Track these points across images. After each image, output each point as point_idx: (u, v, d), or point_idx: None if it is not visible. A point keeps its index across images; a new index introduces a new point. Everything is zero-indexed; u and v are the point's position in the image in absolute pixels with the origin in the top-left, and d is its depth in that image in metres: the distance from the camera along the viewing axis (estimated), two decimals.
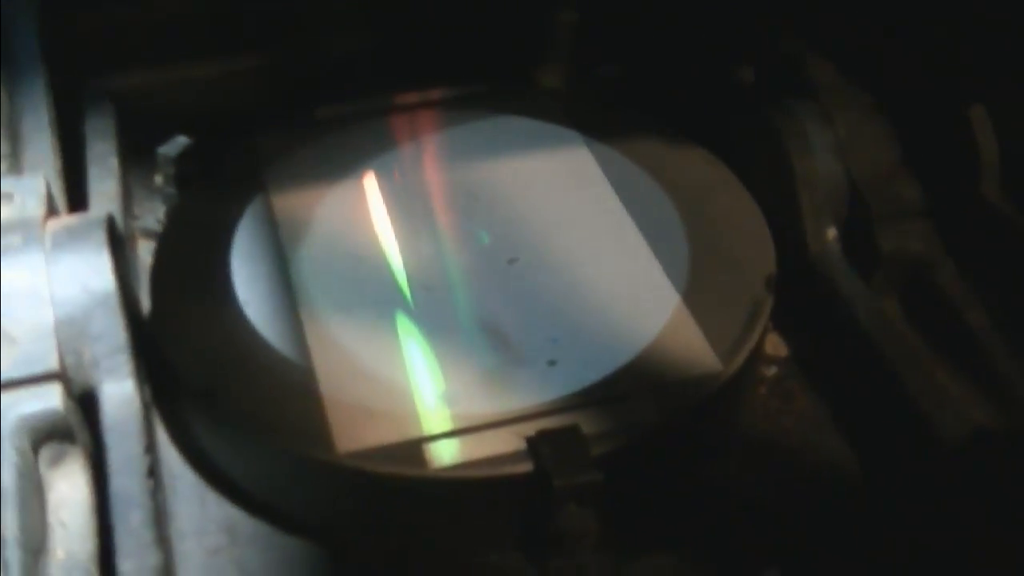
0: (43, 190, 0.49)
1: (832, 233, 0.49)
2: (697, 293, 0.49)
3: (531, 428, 0.43)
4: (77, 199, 0.55)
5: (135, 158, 0.61)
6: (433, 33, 0.63)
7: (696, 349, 0.46)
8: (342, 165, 0.57)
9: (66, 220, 0.48)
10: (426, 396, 0.45)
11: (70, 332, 0.45)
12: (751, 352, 0.46)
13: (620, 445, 0.43)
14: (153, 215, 0.59)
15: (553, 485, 0.41)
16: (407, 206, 0.54)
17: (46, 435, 0.44)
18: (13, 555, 0.40)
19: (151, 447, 0.44)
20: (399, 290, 0.50)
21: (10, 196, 0.48)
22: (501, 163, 0.56)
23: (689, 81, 0.58)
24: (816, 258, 0.50)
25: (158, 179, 0.58)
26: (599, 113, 0.59)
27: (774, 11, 0.55)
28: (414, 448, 0.43)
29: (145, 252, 0.57)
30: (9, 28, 0.57)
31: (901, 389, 0.46)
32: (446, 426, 0.44)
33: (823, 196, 0.50)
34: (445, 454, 0.43)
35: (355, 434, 0.44)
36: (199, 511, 0.47)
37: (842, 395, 0.49)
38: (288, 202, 0.55)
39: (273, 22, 0.63)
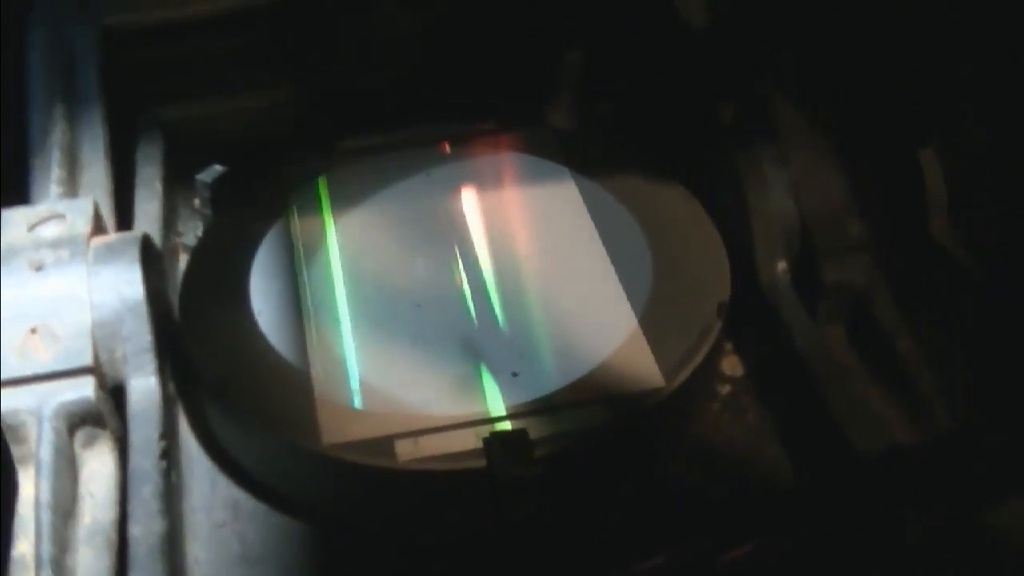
0: (91, 211, 0.59)
1: (782, 265, 0.57)
2: (653, 316, 0.57)
3: (489, 430, 0.52)
4: (125, 217, 0.65)
5: (182, 182, 0.71)
6: (450, 74, 0.73)
7: (644, 367, 0.55)
8: (356, 193, 0.67)
9: (107, 238, 0.58)
10: (404, 399, 0.55)
11: (104, 333, 0.55)
12: (695, 371, 0.54)
13: (563, 447, 0.51)
14: (194, 233, 0.69)
15: (498, 479, 0.50)
16: (407, 232, 0.64)
17: (80, 420, 0.54)
18: (44, 516, 0.50)
19: (167, 433, 0.54)
20: (392, 307, 0.59)
21: (62, 216, 0.58)
22: (495, 195, 0.66)
23: (675, 120, 0.67)
24: (766, 287, 0.58)
25: (196, 202, 0.69)
26: (590, 150, 0.68)
27: (748, 57, 0.64)
28: (388, 443, 0.52)
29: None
30: (73, 64, 0.68)
31: (828, 407, 0.53)
32: (417, 425, 0.53)
33: (775, 231, 0.58)
34: (413, 449, 0.52)
35: (339, 429, 0.53)
36: (209, 490, 0.57)
37: (784, 411, 0.57)
38: (306, 225, 0.65)
39: (303, 64, 0.73)
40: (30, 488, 0.52)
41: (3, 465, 0.54)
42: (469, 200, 0.66)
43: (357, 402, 0.55)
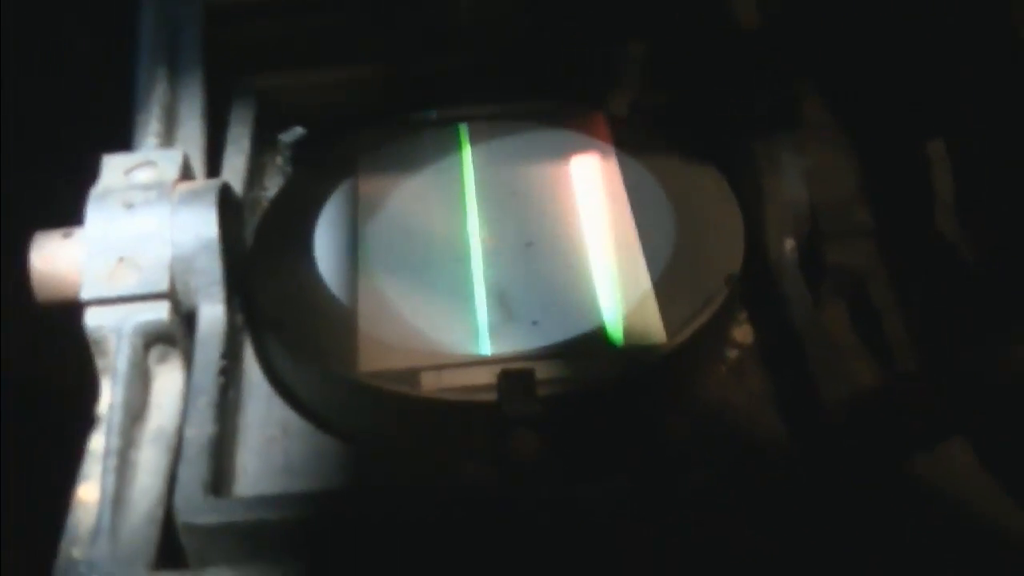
0: (180, 160, 0.68)
1: (790, 244, 0.64)
2: (667, 282, 0.65)
3: (502, 369, 0.59)
4: (214, 170, 0.74)
5: (268, 143, 0.80)
6: (518, 57, 0.81)
7: (651, 325, 0.62)
8: (418, 161, 0.76)
9: (191, 184, 0.67)
10: (433, 339, 0.64)
11: (181, 266, 0.64)
12: (696, 333, 0.61)
13: (567, 390, 0.59)
14: (276, 187, 0.79)
15: (505, 412, 0.58)
16: (459, 197, 0.72)
17: (155, 339, 0.63)
18: (117, 416, 0.59)
19: (227, 355, 0.63)
20: (434, 260, 0.68)
21: (154, 163, 0.67)
22: (543, 167, 0.74)
23: (716, 109, 0.74)
24: (774, 264, 0.64)
25: (279, 159, 0.80)
26: (635, 133, 0.76)
27: (788, 57, 0.70)
28: (415, 374, 0.61)
29: None
30: (177, 35, 0.78)
31: (813, 375, 0.60)
32: (441, 361, 0.62)
33: (787, 214, 0.65)
34: (436, 381, 0.61)
35: (375, 360, 0.63)
36: (264, 409, 0.66)
37: (782, 379, 0.63)
38: (370, 186, 0.74)
39: (382, 44, 0.81)
40: (108, 393, 0.62)
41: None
42: (518, 170, 0.74)
43: (392, 339, 0.64)
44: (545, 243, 0.69)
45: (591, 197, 0.71)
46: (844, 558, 0.51)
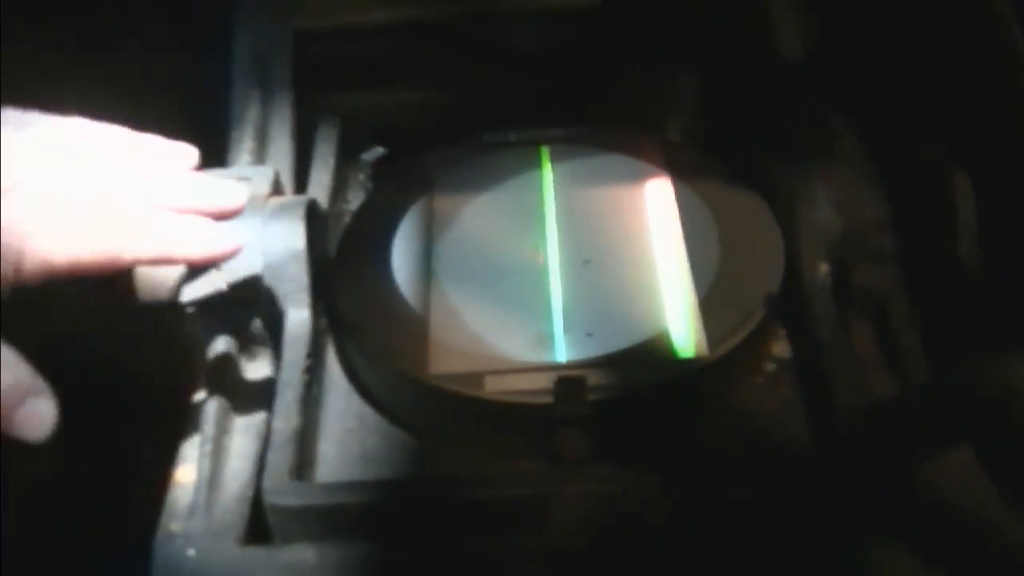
0: (271, 176, 0.75)
1: (824, 268, 0.69)
2: (711, 301, 0.71)
3: (558, 375, 0.66)
4: (302, 185, 0.82)
5: (351, 159, 0.88)
6: (582, 85, 0.88)
7: (693, 339, 0.69)
8: (490, 179, 0.83)
9: (281, 199, 0.74)
10: (497, 347, 0.71)
11: (271, 273, 0.70)
12: (735, 348, 0.68)
13: (614, 395, 0.66)
14: (358, 202, 0.86)
15: (557, 413, 0.65)
16: (521, 214, 0.80)
17: (250, 340, 0.71)
18: (211, 407, 0.67)
19: (312, 355, 0.70)
20: (500, 275, 0.76)
21: (248, 179, 0.74)
22: (601, 189, 0.81)
23: (761, 138, 0.81)
24: (807, 285, 0.70)
25: (361, 176, 0.87)
26: (686, 158, 0.82)
27: (817, 89, 0.78)
28: (480, 378, 0.68)
29: None
30: (268, 59, 0.85)
31: (833, 386, 0.66)
32: (504, 367, 0.69)
33: (820, 239, 0.71)
34: (498, 384, 0.68)
35: (443, 364, 0.69)
36: (343, 404, 0.73)
37: (813, 390, 0.70)
38: (444, 202, 0.81)
39: (457, 68, 0.89)
40: (203, 387, 0.70)
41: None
42: (577, 191, 0.81)
43: (460, 345, 0.71)
44: (601, 261, 0.76)
45: (644, 218, 0.78)
46: (851, 554, 0.58)
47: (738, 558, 0.59)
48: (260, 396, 0.70)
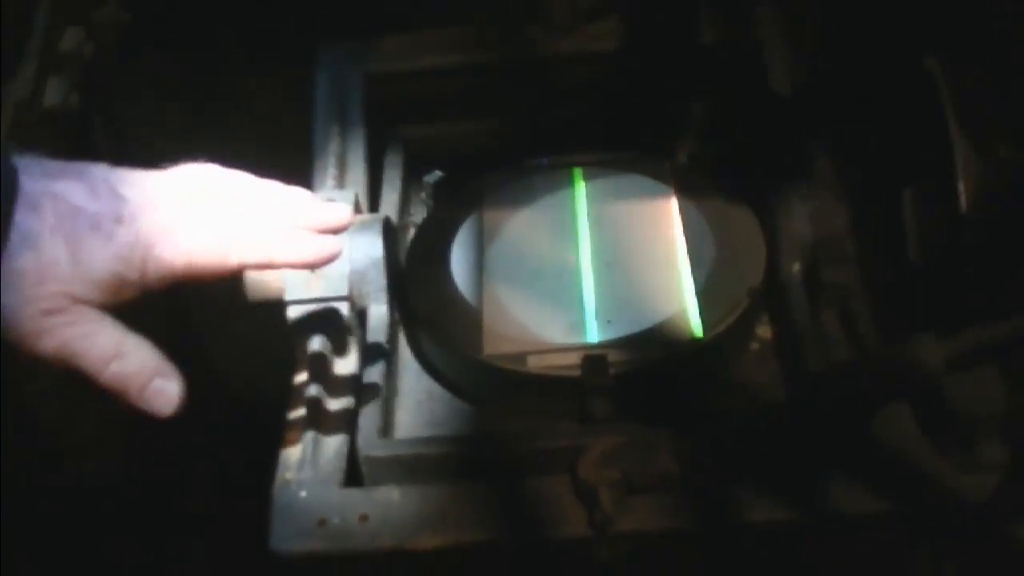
0: (353, 198, 0.88)
1: (797, 267, 0.85)
2: (706, 293, 0.87)
3: (585, 354, 0.83)
4: (375, 203, 0.95)
5: (415, 181, 1.03)
6: (608, 118, 1.02)
7: (691, 325, 0.85)
8: (530, 197, 0.98)
9: (362, 217, 0.87)
10: (539, 332, 0.86)
11: (356, 278, 0.84)
12: (724, 331, 0.84)
13: (630, 369, 0.82)
14: (421, 216, 1.01)
15: (585, 385, 0.82)
16: (560, 226, 0.95)
17: (338, 329, 0.84)
18: (313, 383, 0.82)
19: (388, 341, 0.85)
20: (539, 275, 0.91)
21: (334, 201, 0.86)
22: (621, 204, 0.96)
23: (753, 160, 0.95)
24: (784, 281, 0.86)
25: (423, 195, 1.02)
26: (689, 177, 0.97)
27: (813, 123, 0.93)
28: (524, 357, 0.84)
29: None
30: (346, 97, 0.99)
31: (806, 360, 0.82)
32: (544, 347, 0.85)
33: (795, 244, 0.86)
34: (540, 362, 0.84)
35: (494, 346, 0.85)
36: (415, 381, 0.88)
37: (790, 363, 0.85)
38: (493, 216, 0.96)
39: (503, 103, 1.02)
40: (304, 368, 0.85)
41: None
42: (602, 206, 0.96)
43: (507, 331, 0.87)
44: (620, 263, 0.91)
45: (654, 228, 0.93)
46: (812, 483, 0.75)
47: (725, 489, 0.75)
48: (349, 376, 0.86)
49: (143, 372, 0.71)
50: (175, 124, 1.08)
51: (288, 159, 0.95)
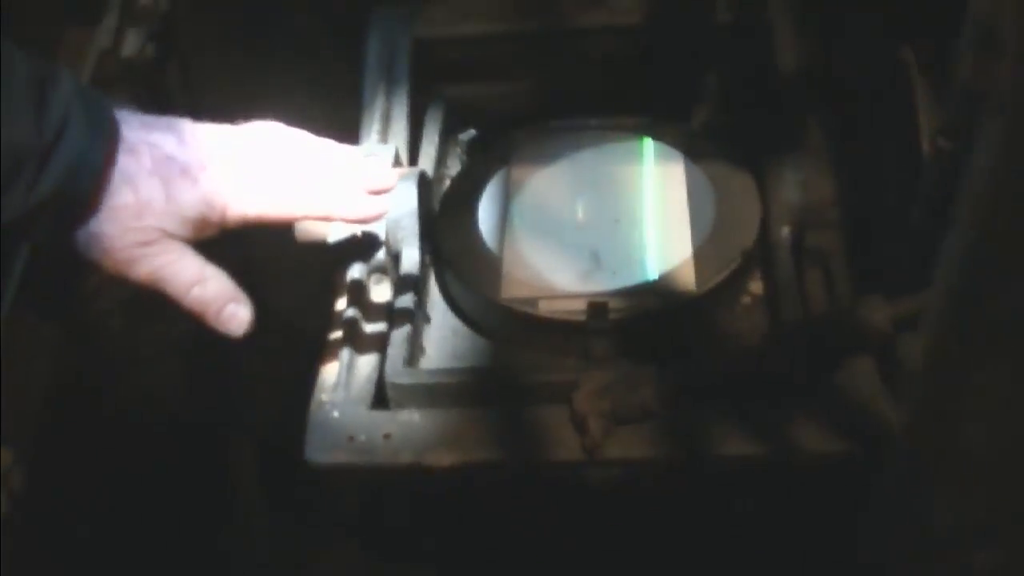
0: (392, 152, 0.98)
1: (785, 232, 0.94)
2: (703, 252, 0.97)
3: (590, 300, 0.93)
4: (414, 158, 1.03)
5: (452, 137, 1.12)
6: (628, 84, 1.11)
7: (687, 279, 0.96)
8: (553, 156, 1.08)
9: (400, 169, 0.98)
10: (551, 280, 0.97)
11: (392, 224, 0.94)
12: (717, 286, 0.94)
13: (627, 316, 0.93)
14: (455, 169, 1.11)
15: (588, 327, 0.93)
16: (574, 182, 1.05)
17: (375, 269, 0.96)
18: (348, 313, 0.93)
19: (418, 281, 0.95)
20: (556, 226, 1.01)
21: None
22: (634, 166, 1.06)
23: (756, 129, 1.05)
24: (773, 244, 0.95)
25: (458, 150, 1.12)
26: (700, 144, 1.07)
27: (802, 95, 1.03)
28: (536, 301, 0.95)
29: None
30: (393, 60, 1.08)
31: (788, 313, 0.93)
32: (555, 294, 0.95)
33: (785, 210, 0.95)
34: (550, 307, 0.94)
35: (512, 290, 0.96)
36: (441, 318, 0.98)
37: (775, 316, 0.95)
38: (518, 172, 1.06)
39: (533, 69, 1.11)
40: (343, 300, 0.95)
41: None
42: (616, 166, 1.06)
43: (524, 277, 0.97)
44: (627, 220, 1.01)
45: (662, 189, 1.03)
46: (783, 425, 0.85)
47: (702, 424, 0.86)
48: (382, 310, 0.97)
49: (220, 297, 0.82)
50: (240, 74, 1.20)
51: (339, 112, 1.07)
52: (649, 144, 1.08)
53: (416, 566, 1.06)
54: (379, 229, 0.98)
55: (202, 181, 0.81)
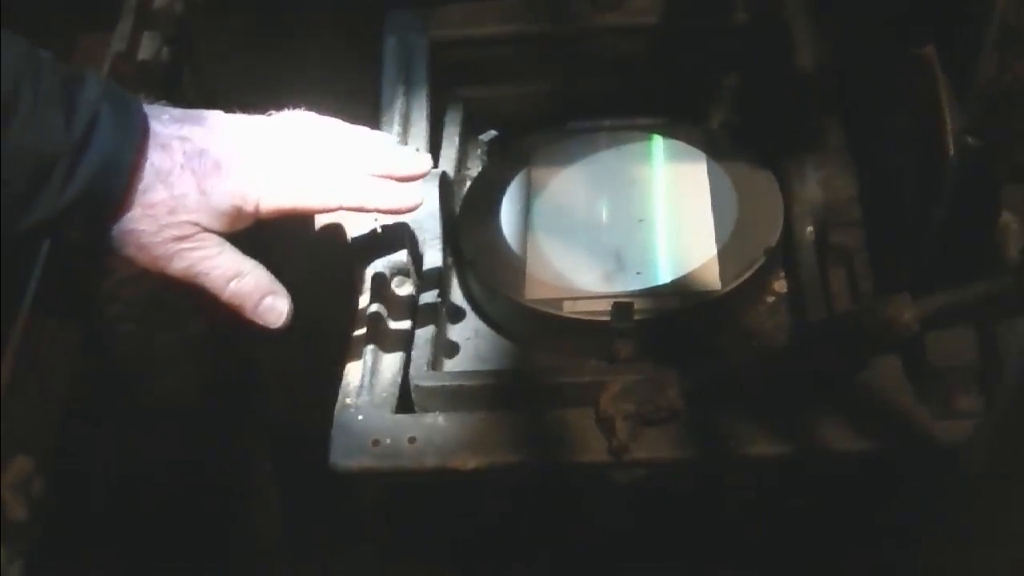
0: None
1: (809, 230, 0.94)
2: (727, 251, 0.97)
3: (615, 301, 0.93)
4: (435, 159, 1.00)
5: (471, 139, 1.13)
6: (647, 86, 1.12)
7: (711, 278, 0.96)
8: (573, 157, 1.08)
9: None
10: (575, 280, 0.97)
11: (415, 225, 0.96)
12: (740, 285, 0.94)
13: (652, 316, 0.93)
14: (476, 170, 1.11)
15: (613, 328, 0.93)
16: (594, 183, 1.05)
17: (398, 271, 0.95)
18: (372, 316, 0.94)
19: (441, 282, 0.96)
20: (577, 227, 1.02)
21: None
22: (656, 165, 1.06)
23: (775, 129, 1.05)
24: (797, 242, 0.96)
25: (478, 152, 1.13)
26: (721, 143, 1.07)
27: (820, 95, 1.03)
28: (560, 302, 0.95)
29: None
30: (410, 60, 1.08)
31: (808, 312, 0.93)
32: (578, 295, 0.95)
33: (808, 208, 0.96)
34: (574, 307, 0.95)
35: (535, 291, 0.96)
36: (465, 321, 0.98)
37: (799, 316, 0.95)
38: (539, 173, 1.07)
39: (552, 70, 1.11)
40: (366, 303, 0.95)
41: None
42: (637, 167, 1.06)
43: (547, 278, 0.97)
44: (651, 219, 1.01)
45: (684, 189, 1.03)
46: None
47: (727, 424, 0.86)
48: (405, 312, 0.96)
49: (258, 290, 0.82)
50: (255, 77, 1.20)
51: (357, 115, 1.04)
52: (670, 144, 1.08)
53: (437, 568, 1.06)
54: (400, 230, 0.98)
55: (235, 174, 0.81)
